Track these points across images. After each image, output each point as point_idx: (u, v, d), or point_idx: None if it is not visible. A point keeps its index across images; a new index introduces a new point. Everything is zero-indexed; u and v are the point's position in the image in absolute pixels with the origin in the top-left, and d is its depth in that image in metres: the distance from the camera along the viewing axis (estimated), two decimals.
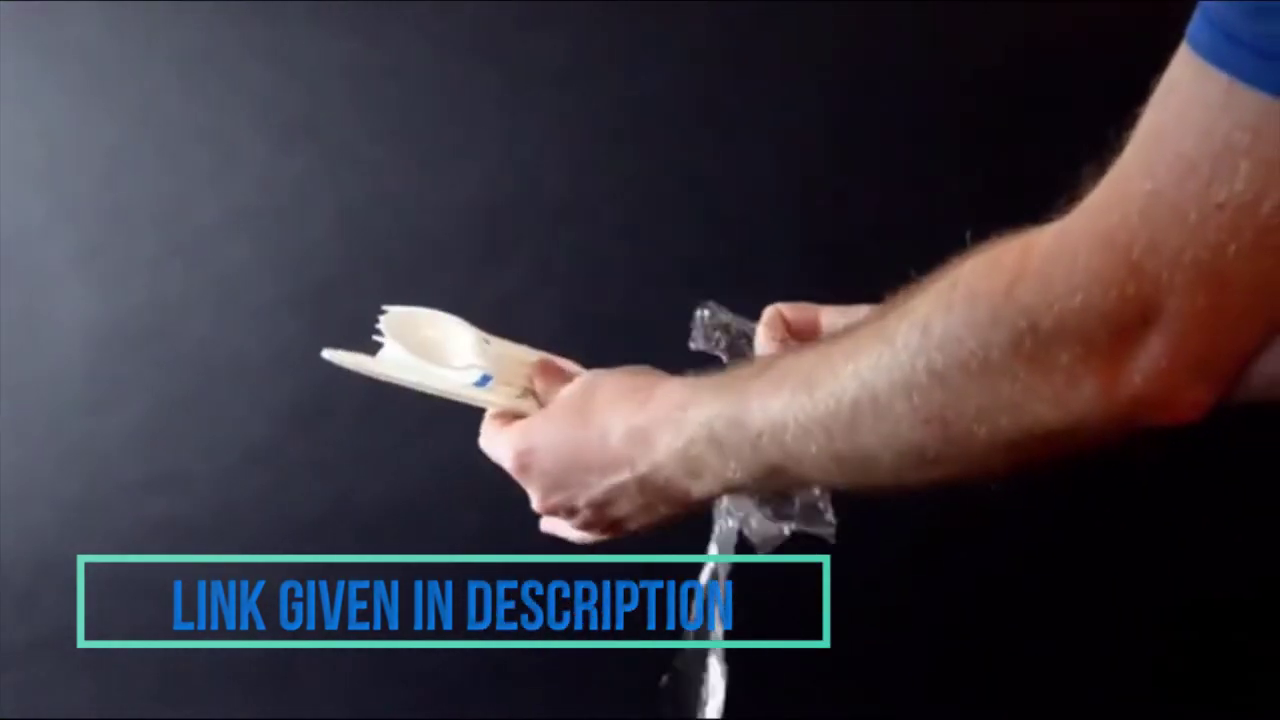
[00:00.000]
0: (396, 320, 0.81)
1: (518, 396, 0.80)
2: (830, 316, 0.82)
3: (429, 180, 2.10)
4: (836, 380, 0.60)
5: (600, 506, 0.74)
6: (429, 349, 0.81)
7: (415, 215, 2.11)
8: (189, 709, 1.96)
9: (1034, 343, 0.53)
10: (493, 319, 0.85)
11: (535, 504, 0.77)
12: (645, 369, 0.77)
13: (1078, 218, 0.54)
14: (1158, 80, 0.52)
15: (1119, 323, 0.52)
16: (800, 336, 0.82)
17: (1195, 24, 0.51)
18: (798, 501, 0.78)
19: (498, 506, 2.07)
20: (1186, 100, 0.50)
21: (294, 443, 2.11)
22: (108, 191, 2.14)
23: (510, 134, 2.09)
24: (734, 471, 0.66)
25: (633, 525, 0.74)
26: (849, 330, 0.62)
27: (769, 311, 0.84)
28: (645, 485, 0.71)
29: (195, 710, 1.96)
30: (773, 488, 0.66)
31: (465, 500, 2.05)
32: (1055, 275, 0.53)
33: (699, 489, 0.69)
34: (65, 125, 2.14)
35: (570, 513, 0.76)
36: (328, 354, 0.80)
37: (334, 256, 2.11)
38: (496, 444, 0.77)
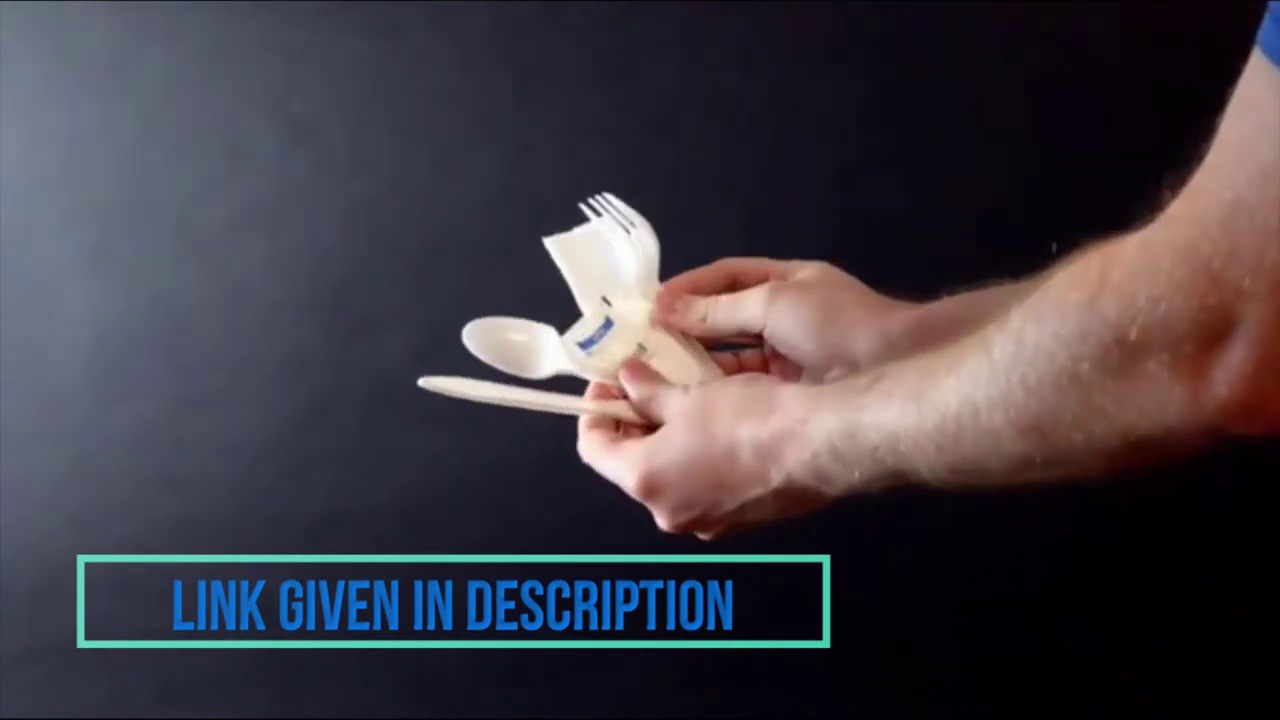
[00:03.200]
0: (479, 331, 0.82)
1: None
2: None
3: (442, 180, 2.09)
4: (940, 392, 0.61)
5: (734, 519, 0.74)
6: (517, 354, 0.82)
7: (428, 215, 2.11)
8: (189, 709, 1.96)
9: (1121, 354, 0.54)
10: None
11: (663, 524, 0.76)
12: (758, 376, 0.77)
13: (1159, 229, 0.54)
14: (1233, 88, 0.52)
15: (1203, 332, 0.52)
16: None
17: (1265, 28, 0.50)
18: None
19: (498, 507, 2.09)
20: (1262, 106, 0.50)
21: (296, 443, 2.10)
22: (119, 190, 2.14)
23: (524, 133, 2.09)
24: (859, 478, 0.68)
25: (765, 524, 0.75)
26: (956, 341, 0.63)
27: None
28: (780, 495, 0.72)
29: (195, 710, 1.96)
30: (898, 486, 0.68)
31: (465, 500, 2.05)
32: (1138, 287, 0.53)
33: (831, 491, 0.71)
34: (77, 124, 2.14)
35: (703, 529, 0.76)
36: (424, 382, 0.79)
37: (346, 257, 2.11)
38: (614, 465, 0.76)
